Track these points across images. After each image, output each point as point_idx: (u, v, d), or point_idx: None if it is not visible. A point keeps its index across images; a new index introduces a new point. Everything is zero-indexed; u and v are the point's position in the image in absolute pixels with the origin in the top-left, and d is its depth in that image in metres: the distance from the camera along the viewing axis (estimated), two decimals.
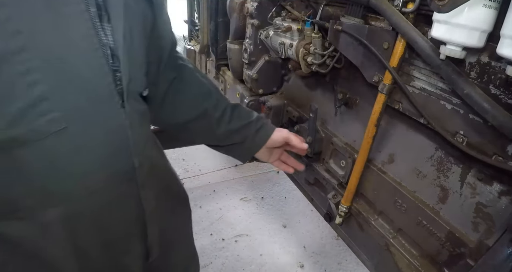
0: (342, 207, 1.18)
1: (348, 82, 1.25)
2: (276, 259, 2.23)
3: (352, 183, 1.12)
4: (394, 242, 1.05)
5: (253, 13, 1.44)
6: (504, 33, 0.59)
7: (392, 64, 0.89)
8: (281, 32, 1.33)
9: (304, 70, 1.26)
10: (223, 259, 2.20)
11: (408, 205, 1.00)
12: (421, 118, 0.90)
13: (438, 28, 0.69)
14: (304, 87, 1.49)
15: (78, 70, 0.55)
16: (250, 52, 1.52)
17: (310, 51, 1.20)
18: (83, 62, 0.55)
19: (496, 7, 0.62)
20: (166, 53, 0.84)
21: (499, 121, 0.68)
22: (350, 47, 1.03)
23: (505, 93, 0.71)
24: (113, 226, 0.71)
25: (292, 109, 1.55)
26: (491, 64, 0.73)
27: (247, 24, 1.52)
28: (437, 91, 0.86)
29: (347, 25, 1.00)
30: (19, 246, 0.61)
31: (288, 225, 2.51)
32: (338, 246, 2.34)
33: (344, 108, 1.28)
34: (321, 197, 1.45)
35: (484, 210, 0.82)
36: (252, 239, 2.37)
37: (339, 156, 1.25)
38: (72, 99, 0.55)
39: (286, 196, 2.81)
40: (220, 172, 3.05)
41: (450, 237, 0.88)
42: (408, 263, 1.00)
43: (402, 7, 0.82)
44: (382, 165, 1.12)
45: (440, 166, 0.93)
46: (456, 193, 0.89)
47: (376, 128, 0.99)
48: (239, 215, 2.58)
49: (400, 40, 0.86)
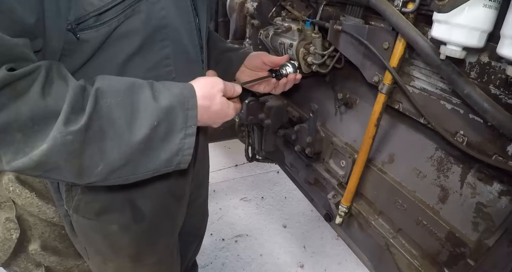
0: (342, 207, 1.18)
1: (348, 82, 1.25)
2: (276, 259, 2.23)
3: (352, 183, 1.12)
4: (394, 242, 1.05)
5: (253, 13, 1.44)
6: (504, 33, 0.59)
7: (392, 64, 0.89)
8: (281, 32, 1.33)
9: (304, 70, 1.26)
10: (223, 259, 2.20)
11: (408, 205, 1.00)
12: (421, 118, 0.90)
13: (438, 28, 0.69)
14: (304, 87, 1.49)
15: (184, 40, 0.81)
16: None
17: (310, 51, 1.20)
18: (186, 35, 0.81)
19: (496, 7, 0.62)
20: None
21: (499, 121, 0.68)
22: (350, 47, 1.03)
23: (505, 93, 0.71)
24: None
25: (292, 109, 1.55)
26: (491, 64, 0.73)
27: (247, 24, 1.52)
28: (437, 91, 0.86)
29: (347, 25, 1.00)
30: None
31: (288, 225, 2.51)
32: (338, 246, 2.33)
33: (344, 108, 1.28)
34: (321, 197, 1.45)
35: (484, 210, 0.82)
36: (252, 239, 2.37)
37: (339, 156, 1.25)
38: (179, 59, 0.81)
39: (286, 196, 2.81)
40: (220, 172, 3.05)
41: (450, 237, 0.88)
42: (408, 263, 1.00)
43: (402, 7, 0.82)
44: (382, 165, 1.12)
45: (440, 166, 0.93)
46: (456, 193, 0.89)
47: (376, 128, 0.99)
48: (239, 215, 2.58)
49: (400, 40, 0.86)
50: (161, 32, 0.75)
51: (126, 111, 0.61)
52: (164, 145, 0.65)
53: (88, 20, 0.64)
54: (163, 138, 0.64)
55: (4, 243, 1.42)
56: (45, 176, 0.59)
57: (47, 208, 1.41)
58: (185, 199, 1.10)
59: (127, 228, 0.95)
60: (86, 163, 0.59)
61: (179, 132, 0.66)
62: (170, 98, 0.66)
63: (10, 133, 0.52)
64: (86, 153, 0.59)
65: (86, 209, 0.89)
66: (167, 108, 0.64)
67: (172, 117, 0.65)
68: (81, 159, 0.58)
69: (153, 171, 0.68)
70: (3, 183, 1.35)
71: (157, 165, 0.66)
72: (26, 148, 0.54)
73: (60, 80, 0.58)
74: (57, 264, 1.53)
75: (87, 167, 0.60)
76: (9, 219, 1.40)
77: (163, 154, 0.65)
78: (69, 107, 0.55)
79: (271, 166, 3.07)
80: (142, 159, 0.64)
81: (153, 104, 0.64)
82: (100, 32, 0.66)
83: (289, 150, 1.63)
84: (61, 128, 0.54)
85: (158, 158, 0.65)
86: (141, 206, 0.94)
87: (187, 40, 0.83)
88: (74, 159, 0.58)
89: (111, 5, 0.64)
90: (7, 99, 0.51)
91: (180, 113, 0.66)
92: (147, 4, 0.70)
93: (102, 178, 0.63)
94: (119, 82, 0.64)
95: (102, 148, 0.60)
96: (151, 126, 0.62)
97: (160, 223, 1.02)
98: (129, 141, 0.61)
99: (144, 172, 0.66)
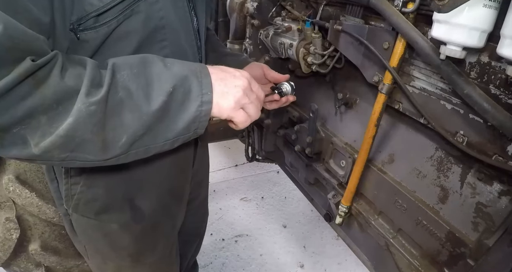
0: (342, 207, 1.18)
1: (348, 82, 1.26)
2: (276, 259, 2.23)
3: (352, 183, 1.12)
4: (394, 242, 1.05)
5: (253, 13, 1.44)
6: (504, 33, 0.59)
7: (392, 64, 0.89)
8: (281, 32, 1.33)
9: (304, 70, 1.26)
10: (223, 259, 2.20)
11: (408, 205, 1.00)
12: (421, 118, 0.90)
13: (438, 28, 0.69)
14: (304, 87, 1.49)
15: (181, 41, 0.82)
16: (250, 52, 1.52)
17: (310, 51, 1.20)
18: (184, 36, 0.83)
19: (496, 7, 0.62)
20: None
21: (499, 121, 0.68)
22: (350, 47, 1.03)
23: (505, 93, 0.71)
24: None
25: (292, 109, 1.55)
26: (491, 64, 0.73)
27: (247, 24, 1.52)
28: (437, 91, 0.86)
29: (347, 25, 1.00)
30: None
31: (288, 225, 2.51)
32: (338, 246, 2.33)
33: (344, 108, 1.28)
34: (321, 197, 1.45)
35: (484, 210, 0.82)
36: (252, 239, 2.37)
37: (339, 156, 1.25)
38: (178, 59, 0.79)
39: (286, 196, 2.81)
40: (220, 172, 3.05)
41: (450, 237, 0.88)
42: (408, 263, 1.00)
43: (402, 7, 0.82)
44: (382, 165, 1.12)
45: (440, 166, 0.93)
46: (456, 193, 0.89)
47: (376, 128, 0.99)
48: (239, 215, 2.58)
49: (400, 40, 0.86)
50: (159, 33, 0.76)
51: (141, 82, 0.63)
52: (182, 112, 0.66)
53: (88, 20, 0.65)
54: (180, 104, 0.65)
55: (4, 243, 1.42)
56: (71, 157, 0.60)
57: (47, 208, 1.40)
58: (184, 198, 1.11)
59: (127, 227, 0.95)
60: (110, 136, 0.61)
61: (195, 100, 0.66)
62: (182, 67, 0.67)
63: (35, 118, 0.54)
64: (109, 125, 0.60)
65: (86, 208, 0.90)
66: (180, 75, 0.65)
67: (186, 83, 0.66)
68: (104, 132, 0.60)
69: (173, 140, 0.68)
70: (3, 183, 1.35)
71: (177, 132, 0.67)
72: (51, 128, 0.56)
73: (75, 63, 0.60)
74: (57, 264, 1.53)
75: (111, 140, 0.61)
76: (9, 219, 1.40)
77: (181, 121, 0.66)
78: (88, 81, 0.57)
79: (271, 166, 3.07)
80: (162, 127, 0.65)
81: (166, 72, 0.65)
82: (99, 33, 0.67)
83: (289, 150, 1.63)
84: (84, 99, 0.56)
85: (177, 125, 0.66)
86: (141, 205, 0.94)
87: (185, 41, 0.83)
88: (99, 131, 0.59)
89: (111, 5, 0.65)
90: (31, 87, 0.53)
91: (194, 79, 0.67)
92: (145, 4, 0.70)
93: (125, 150, 0.64)
94: (132, 58, 0.66)
95: (123, 119, 0.61)
96: (167, 92, 0.63)
97: (160, 222, 1.02)
98: (148, 110, 0.62)
99: (163, 140, 0.67)
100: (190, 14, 0.83)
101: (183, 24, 0.82)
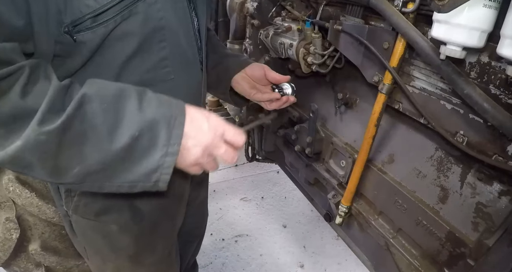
0: (342, 207, 1.18)
1: (348, 82, 1.26)
2: (276, 259, 2.23)
3: (352, 183, 1.12)
4: (394, 242, 1.05)
5: (253, 13, 1.44)
6: (504, 33, 0.59)
7: (392, 64, 0.89)
8: (281, 32, 1.33)
9: (304, 70, 1.26)
10: (223, 259, 2.20)
11: (408, 205, 1.00)
12: (421, 118, 0.90)
13: (438, 28, 0.69)
14: (304, 87, 1.49)
15: (181, 41, 0.82)
16: (250, 52, 1.52)
17: (310, 51, 1.20)
18: (183, 37, 0.83)
19: (496, 7, 0.62)
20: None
21: (499, 121, 0.68)
22: (350, 47, 1.03)
23: (505, 93, 0.71)
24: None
25: (292, 109, 1.55)
26: (491, 64, 0.73)
27: (247, 24, 1.52)
28: (437, 91, 0.86)
29: (347, 25, 1.00)
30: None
31: (288, 225, 2.51)
32: (338, 246, 2.33)
33: (344, 108, 1.28)
34: (321, 197, 1.45)
35: (484, 210, 0.82)
36: (252, 239, 2.37)
37: (339, 156, 1.25)
38: (178, 61, 0.83)
39: (286, 196, 2.81)
40: (220, 172, 3.05)
41: (450, 237, 0.88)
42: (408, 263, 1.00)
43: (402, 7, 0.82)
44: (382, 165, 1.12)
45: (440, 166, 0.93)
46: (456, 193, 0.89)
47: (376, 128, 0.99)
48: (239, 215, 2.58)
49: (400, 40, 0.86)
50: (159, 34, 0.75)
51: (109, 118, 0.60)
52: (144, 158, 0.63)
53: (84, 21, 0.64)
54: (143, 150, 0.63)
55: (4, 243, 1.42)
56: (23, 172, 0.60)
57: (47, 208, 1.41)
58: (184, 198, 1.10)
59: (126, 228, 0.95)
60: (63, 164, 0.59)
61: (160, 149, 0.63)
62: (157, 110, 0.64)
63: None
64: (64, 154, 0.58)
65: (85, 209, 0.90)
66: (150, 120, 0.62)
67: (155, 130, 0.63)
68: (57, 160, 0.58)
69: (130, 184, 0.65)
70: (3, 183, 1.35)
71: (135, 177, 0.64)
72: (6, 142, 0.55)
73: (45, 80, 0.59)
74: (57, 264, 1.53)
75: (63, 168, 0.60)
76: (9, 219, 1.40)
77: (142, 167, 0.63)
78: (46, 106, 0.55)
79: (271, 166, 3.07)
80: (120, 168, 0.63)
81: (137, 114, 0.62)
82: (96, 33, 0.67)
83: (289, 150, 1.63)
84: (34, 127, 0.54)
85: (137, 170, 0.63)
86: (140, 206, 0.94)
87: (184, 41, 0.83)
88: (48, 159, 0.57)
89: (108, 6, 0.65)
90: None
91: (164, 128, 0.63)
92: (144, 5, 0.70)
93: (78, 180, 0.62)
94: (108, 88, 0.63)
95: (81, 151, 0.59)
96: (132, 136, 0.61)
97: (159, 223, 1.02)
98: (109, 148, 0.60)
99: (120, 182, 0.64)
100: (190, 14, 0.83)
101: (183, 24, 0.82)
